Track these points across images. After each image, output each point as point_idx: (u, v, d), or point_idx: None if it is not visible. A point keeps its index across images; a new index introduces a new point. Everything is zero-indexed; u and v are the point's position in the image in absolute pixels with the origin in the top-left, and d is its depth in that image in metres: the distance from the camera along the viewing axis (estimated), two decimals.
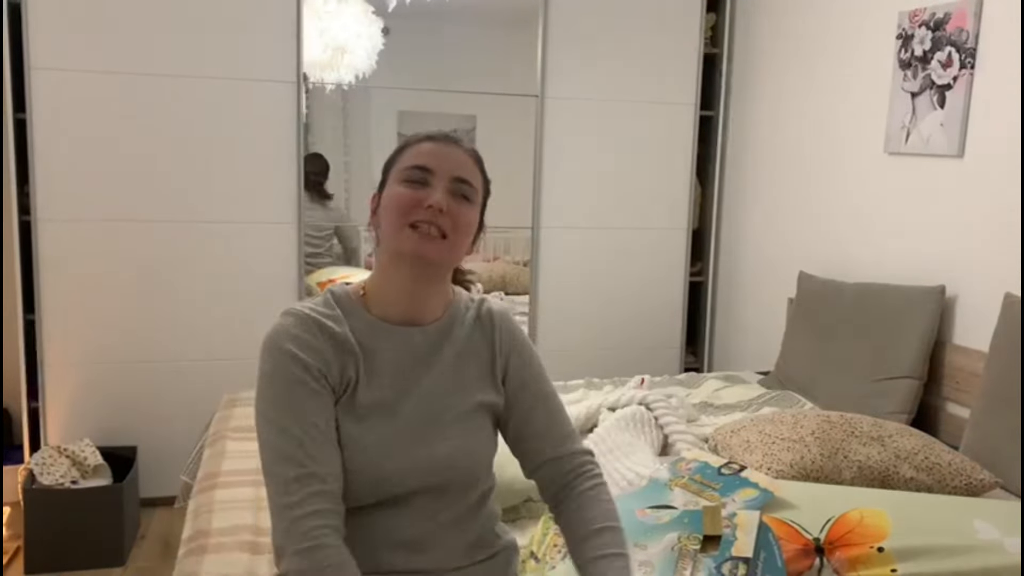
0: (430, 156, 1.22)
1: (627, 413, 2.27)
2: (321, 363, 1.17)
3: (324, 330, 1.19)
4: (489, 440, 1.30)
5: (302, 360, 1.16)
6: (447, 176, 1.21)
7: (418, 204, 1.19)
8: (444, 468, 1.22)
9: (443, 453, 1.22)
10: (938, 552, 1.46)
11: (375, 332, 1.23)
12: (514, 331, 1.35)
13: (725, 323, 3.72)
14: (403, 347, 1.24)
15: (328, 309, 1.23)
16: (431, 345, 1.26)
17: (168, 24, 3.00)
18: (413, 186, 1.20)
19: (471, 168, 1.25)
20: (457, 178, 1.22)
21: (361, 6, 3.23)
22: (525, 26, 3.37)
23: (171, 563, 2.03)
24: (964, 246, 2.39)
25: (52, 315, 3.03)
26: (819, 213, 3.04)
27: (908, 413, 2.37)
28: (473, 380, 1.29)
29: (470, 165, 1.25)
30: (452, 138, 1.26)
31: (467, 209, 1.23)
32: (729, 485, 1.67)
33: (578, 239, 3.55)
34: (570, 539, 1.28)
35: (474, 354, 1.30)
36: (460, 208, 1.21)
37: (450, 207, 1.20)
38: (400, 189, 1.21)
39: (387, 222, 1.21)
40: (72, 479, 2.85)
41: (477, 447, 1.27)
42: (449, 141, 1.25)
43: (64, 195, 2.98)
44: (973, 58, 2.33)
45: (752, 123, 3.48)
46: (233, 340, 3.20)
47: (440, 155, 1.22)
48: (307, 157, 3.22)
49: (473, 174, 1.25)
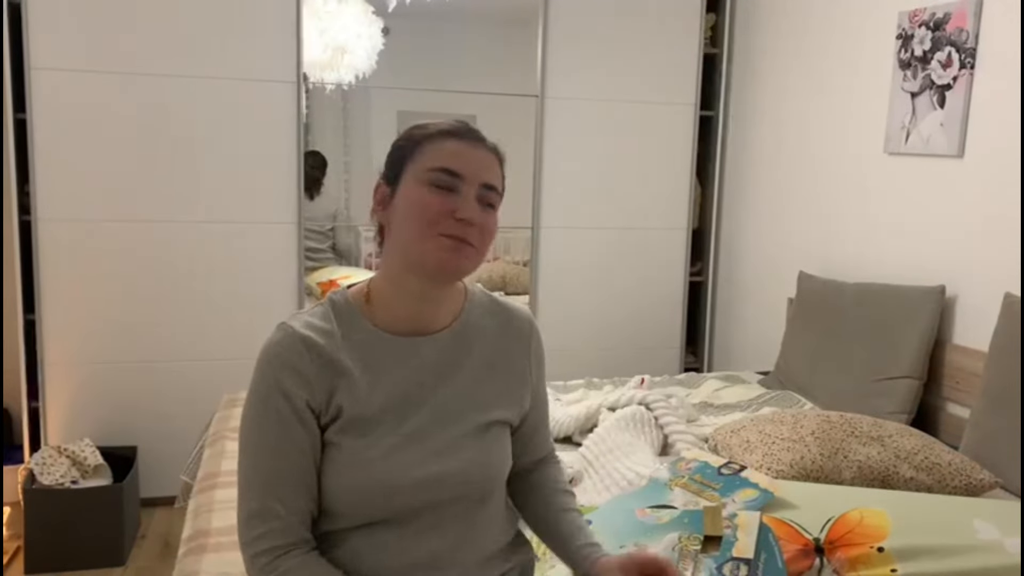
0: (459, 160, 1.13)
1: (627, 413, 2.27)
2: (306, 390, 1.12)
3: (312, 349, 1.13)
4: (505, 453, 1.24)
5: (284, 389, 1.11)
6: (476, 183, 1.13)
7: (448, 214, 1.10)
8: (459, 483, 1.17)
9: (457, 467, 1.16)
10: (938, 552, 1.46)
11: (377, 345, 1.17)
12: (540, 340, 1.32)
13: (725, 323, 3.72)
14: (410, 360, 1.17)
15: (325, 323, 1.16)
16: (444, 355, 1.20)
17: (168, 24, 3.00)
18: (440, 192, 1.11)
19: (496, 170, 1.18)
20: (485, 184, 1.14)
21: (361, 6, 3.23)
22: (525, 26, 3.37)
23: (171, 563, 2.03)
24: (964, 246, 2.39)
25: (52, 315, 3.03)
26: (819, 213, 3.04)
27: (908, 413, 2.37)
28: (498, 393, 1.23)
29: (496, 167, 1.18)
30: (475, 132, 1.17)
31: (492, 216, 1.16)
32: (729, 485, 1.67)
33: (578, 239, 3.55)
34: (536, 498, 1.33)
35: (506, 365, 1.25)
36: (487, 217, 1.14)
37: (479, 217, 1.13)
38: (426, 194, 1.11)
39: (408, 228, 1.12)
40: (72, 479, 2.85)
41: (493, 461, 1.22)
42: (474, 139, 1.16)
43: (64, 195, 2.99)
44: (973, 58, 2.33)
45: (752, 123, 3.48)
46: (233, 340, 3.20)
47: (469, 158, 1.13)
48: (305, 153, 3.23)
49: (498, 177, 1.18)
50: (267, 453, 1.12)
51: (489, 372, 1.23)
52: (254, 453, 1.13)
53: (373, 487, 1.12)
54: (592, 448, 2.12)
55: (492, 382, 1.23)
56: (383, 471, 1.12)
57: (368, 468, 1.12)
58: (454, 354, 1.21)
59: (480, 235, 1.13)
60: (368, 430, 1.14)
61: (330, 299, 1.20)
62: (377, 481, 1.12)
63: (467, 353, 1.22)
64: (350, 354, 1.15)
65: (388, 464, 1.13)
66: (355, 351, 1.16)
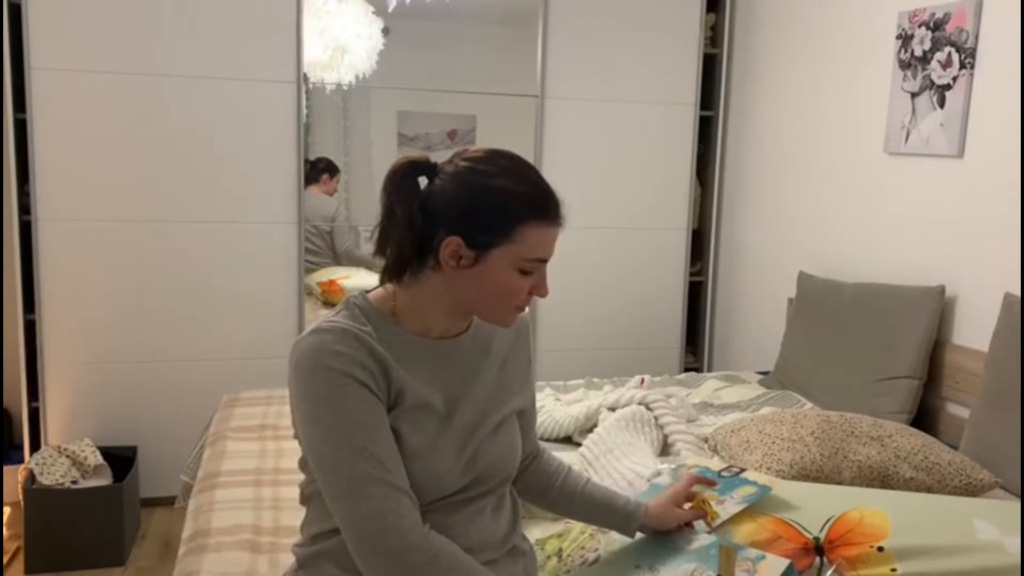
0: (551, 247, 1.21)
1: (627, 413, 2.27)
2: (371, 377, 1.13)
3: (364, 343, 1.14)
4: (518, 438, 1.34)
5: (356, 377, 1.11)
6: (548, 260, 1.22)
7: (524, 292, 1.20)
8: (499, 470, 1.26)
9: (497, 455, 1.25)
10: (938, 552, 1.46)
11: (410, 346, 1.21)
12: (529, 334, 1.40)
13: (725, 323, 3.72)
14: (442, 361, 1.24)
15: (359, 324, 1.17)
16: (468, 357, 1.27)
17: (168, 24, 3.00)
18: (527, 275, 1.19)
19: None
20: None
21: (361, 6, 3.24)
22: (525, 26, 3.38)
23: (171, 563, 2.04)
24: (964, 246, 2.39)
25: (52, 315, 3.03)
26: (819, 213, 3.04)
27: (908, 413, 2.37)
28: (511, 384, 1.33)
29: None
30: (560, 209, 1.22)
31: None
32: (728, 485, 1.67)
33: (578, 239, 3.55)
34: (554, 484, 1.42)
35: (516, 360, 1.34)
36: None
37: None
38: (515, 279, 1.18)
39: (487, 298, 1.19)
40: (72, 479, 2.85)
41: (517, 445, 1.32)
42: (559, 219, 1.21)
43: (64, 195, 2.99)
44: (973, 58, 2.33)
45: (752, 123, 3.48)
46: (233, 340, 3.20)
47: (553, 243, 1.21)
48: (311, 159, 3.23)
49: None
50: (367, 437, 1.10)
51: (503, 367, 1.32)
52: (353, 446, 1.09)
53: (428, 477, 1.17)
54: (592, 448, 2.12)
55: (506, 375, 1.32)
56: (438, 462, 1.18)
57: (426, 457, 1.17)
58: (475, 355, 1.28)
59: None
60: (424, 421, 1.19)
61: (352, 303, 1.21)
62: (423, 471, 1.16)
63: (485, 354, 1.29)
64: (389, 351, 1.18)
65: (444, 455, 1.19)
66: (391, 350, 1.18)
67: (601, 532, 1.54)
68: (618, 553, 1.46)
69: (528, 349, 1.38)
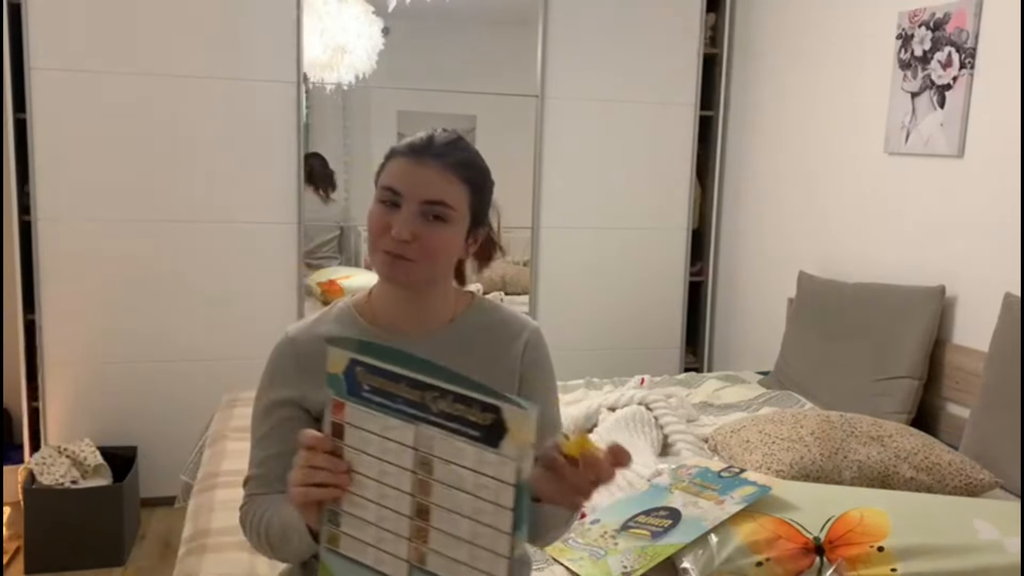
0: (401, 178, 1.17)
1: (627, 413, 2.27)
2: (296, 394, 1.22)
3: (300, 361, 1.23)
4: None
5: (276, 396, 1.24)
6: (416, 200, 1.16)
7: (386, 231, 1.17)
8: None
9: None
10: (938, 552, 1.47)
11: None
12: (539, 345, 1.35)
13: (725, 323, 3.72)
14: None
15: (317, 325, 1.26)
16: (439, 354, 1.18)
17: (168, 24, 3.00)
18: (385, 208, 1.18)
19: (446, 186, 1.18)
20: (427, 201, 1.16)
21: (361, 6, 3.24)
22: (525, 26, 3.37)
23: (171, 563, 2.03)
24: (964, 246, 2.39)
25: (52, 315, 3.03)
26: (819, 213, 3.04)
27: (908, 413, 2.37)
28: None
29: (446, 183, 1.18)
30: (434, 150, 1.18)
31: (441, 231, 1.18)
32: (728, 485, 1.68)
33: (578, 239, 3.55)
34: None
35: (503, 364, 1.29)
36: (432, 231, 1.17)
37: (419, 232, 1.16)
38: (374, 210, 1.19)
39: (369, 240, 1.22)
40: (72, 479, 2.85)
41: None
42: (426, 156, 1.17)
43: (64, 195, 2.98)
44: (973, 58, 2.33)
45: (752, 123, 3.48)
46: (233, 340, 3.20)
47: (412, 176, 1.17)
48: (311, 154, 3.23)
49: (448, 192, 1.18)
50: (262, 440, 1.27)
51: (488, 373, 1.24)
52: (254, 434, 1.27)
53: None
54: None
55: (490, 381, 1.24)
56: None
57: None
58: (451, 354, 1.23)
59: (420, 249, 1.17)
60: None
61: (335, 304, 1.29)
62: None
63: (466, 353, 1.26)
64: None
65: None
66: None
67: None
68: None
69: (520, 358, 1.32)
